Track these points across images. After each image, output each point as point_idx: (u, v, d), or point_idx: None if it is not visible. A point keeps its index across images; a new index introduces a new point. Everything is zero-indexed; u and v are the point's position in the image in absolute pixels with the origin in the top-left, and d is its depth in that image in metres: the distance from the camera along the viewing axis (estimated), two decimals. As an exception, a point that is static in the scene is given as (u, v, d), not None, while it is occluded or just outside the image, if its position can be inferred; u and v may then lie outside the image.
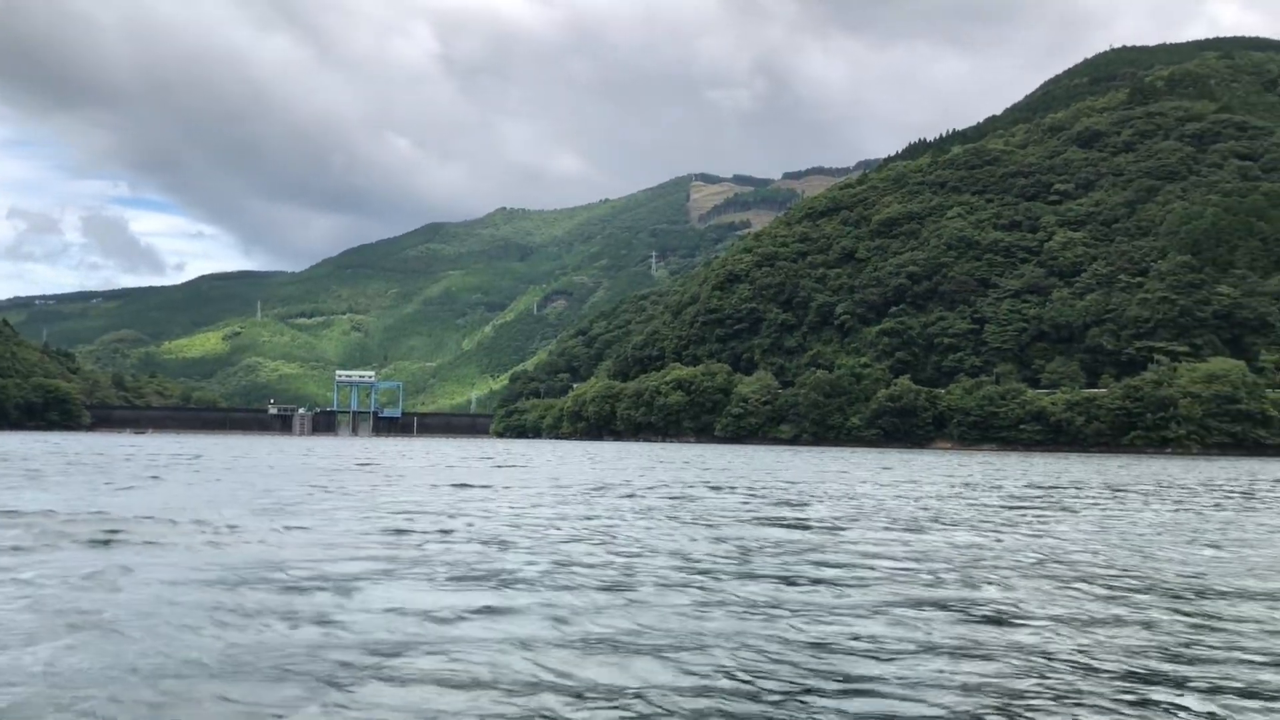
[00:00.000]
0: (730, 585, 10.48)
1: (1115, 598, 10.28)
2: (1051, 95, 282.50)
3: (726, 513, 19.98)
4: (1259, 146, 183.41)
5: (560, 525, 16.48)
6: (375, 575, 10.46)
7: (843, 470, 47.20)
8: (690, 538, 14.96)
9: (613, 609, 9.07)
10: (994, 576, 11.59)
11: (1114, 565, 12.86)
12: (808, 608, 9.29)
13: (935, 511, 21.29)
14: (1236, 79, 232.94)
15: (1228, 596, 10.52)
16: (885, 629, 8.37)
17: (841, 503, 23.51)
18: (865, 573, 11.63)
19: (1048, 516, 20.84)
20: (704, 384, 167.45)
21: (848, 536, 15.88)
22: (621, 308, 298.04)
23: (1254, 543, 16.36)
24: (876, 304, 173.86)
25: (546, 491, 25.28)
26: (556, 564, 11.67)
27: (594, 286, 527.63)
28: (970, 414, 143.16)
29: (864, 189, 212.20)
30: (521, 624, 8.26)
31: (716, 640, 7.79)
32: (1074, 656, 7.59)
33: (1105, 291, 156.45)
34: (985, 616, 9.08)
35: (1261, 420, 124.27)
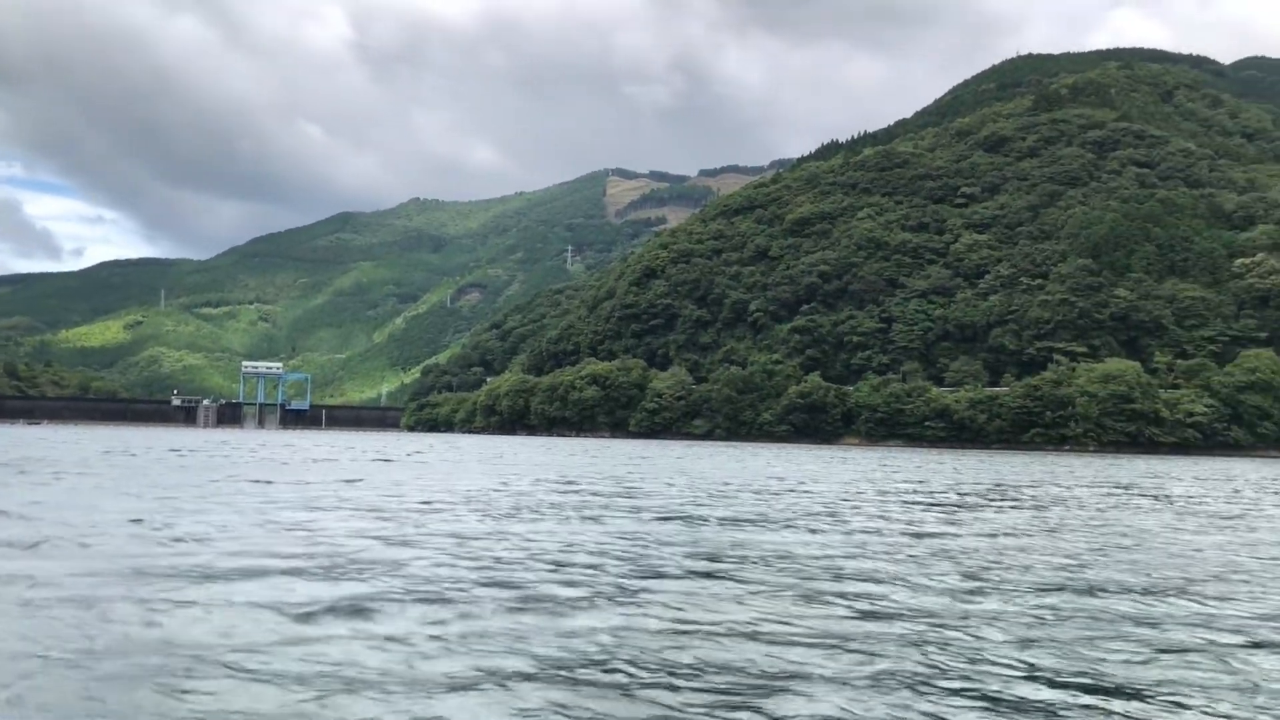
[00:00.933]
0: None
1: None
2: (960, 100, 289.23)
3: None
4: (1156, 155, 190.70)
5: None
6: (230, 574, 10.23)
7: (737, 462, 48.04)
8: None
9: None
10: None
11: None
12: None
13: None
14: (1136, 89, 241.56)
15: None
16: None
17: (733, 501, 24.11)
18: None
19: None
20: (619, 379, 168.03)
21: (731, 533, 16.37)
22: (537, 301, 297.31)
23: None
24: (788, 302, 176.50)
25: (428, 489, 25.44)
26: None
27: (509, 280, 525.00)
28: (877, 411, 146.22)
29: (778, 188, 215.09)
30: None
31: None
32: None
33: (1008, 293, 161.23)
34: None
35: (1155, 419, 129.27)
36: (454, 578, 10.45)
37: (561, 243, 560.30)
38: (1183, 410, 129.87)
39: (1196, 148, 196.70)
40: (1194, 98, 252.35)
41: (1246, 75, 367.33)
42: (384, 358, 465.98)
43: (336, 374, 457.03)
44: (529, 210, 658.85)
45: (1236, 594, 10.80)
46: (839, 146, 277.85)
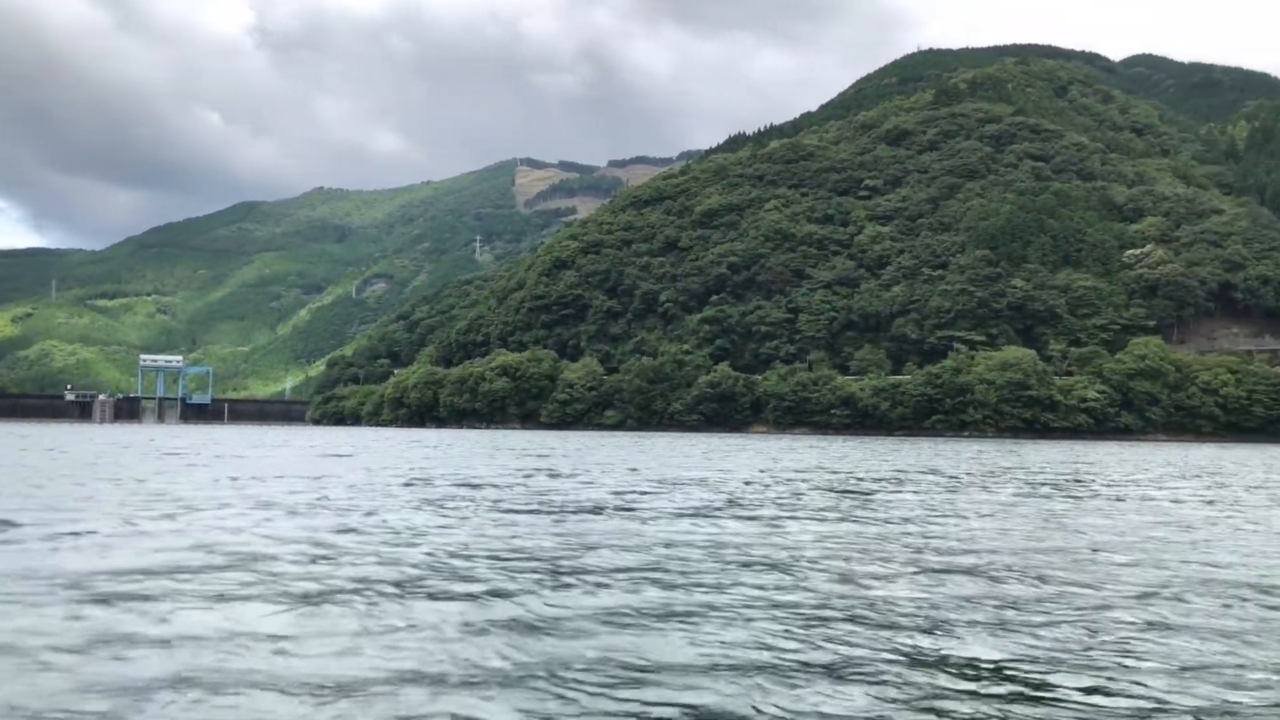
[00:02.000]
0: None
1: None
2: (864, 93, 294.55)
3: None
4: (1050, 148, 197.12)
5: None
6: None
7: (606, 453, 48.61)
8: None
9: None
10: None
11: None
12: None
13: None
14: (1031, 84, 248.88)
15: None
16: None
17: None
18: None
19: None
20: (530, 370, 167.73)
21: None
22: (445, 292, 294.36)
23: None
24: (698, 292, 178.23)
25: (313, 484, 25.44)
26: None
27: (416, 270, 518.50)
28: (785, 399, 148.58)
29: (686, 179, 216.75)
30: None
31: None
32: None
33: (910, 283, 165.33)
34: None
35: (1050, 406, 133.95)
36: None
37: (470, 233, 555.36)
38: (1076, 396, 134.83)
39: (1089, 142, 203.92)
40: (1087, 93, 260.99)
41: (1135, 72, 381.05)
42: (288, 351, 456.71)
43: (239, 367, 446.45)
44: (436, 200, 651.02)
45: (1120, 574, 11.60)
46: (746, 139, 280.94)
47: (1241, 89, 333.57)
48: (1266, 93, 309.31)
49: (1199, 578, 10.88)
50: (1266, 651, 7.43)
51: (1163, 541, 14.38)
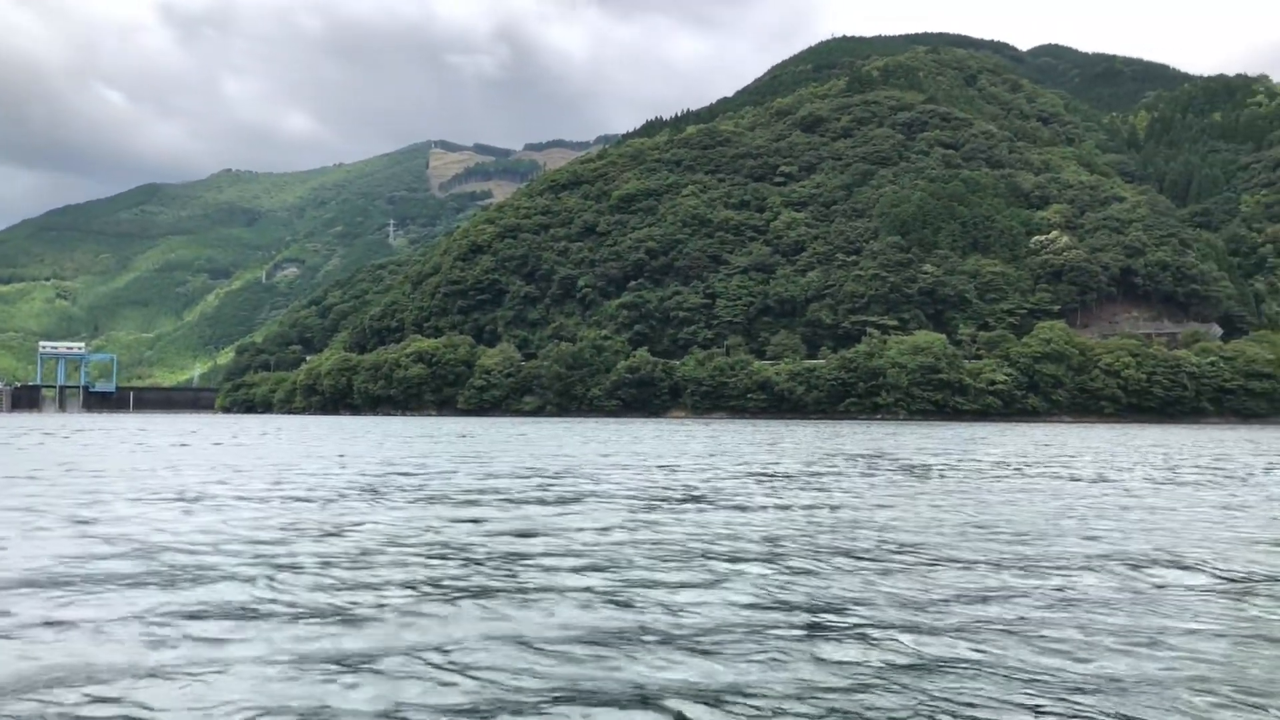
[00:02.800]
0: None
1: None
2: (779, 80, 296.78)
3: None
4: (960, 136, 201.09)
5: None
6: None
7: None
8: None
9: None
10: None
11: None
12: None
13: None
14: (942, 72, 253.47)
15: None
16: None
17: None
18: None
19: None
20: (446, 356, 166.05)
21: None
22: (358, 277, 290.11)
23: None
24: (616, 278, 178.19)
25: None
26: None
27: (328, 255, 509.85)
28: (703, 384, 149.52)
29: (604, 164, 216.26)
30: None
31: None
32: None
33: (824, 269, 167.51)
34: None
35: (959, 389, 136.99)
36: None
37: (383, 217, 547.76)
38: (985, 379, 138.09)
39: (997, 130, 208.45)
40: (995, 82, 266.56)
41: (1042, 61, 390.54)
42: (196, 337, 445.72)
43: (144, 355, 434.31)
44: (349, 183, 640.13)
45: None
46: (663, 124, 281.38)
47: (1142, 80, 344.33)
48: (1165, 84, 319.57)
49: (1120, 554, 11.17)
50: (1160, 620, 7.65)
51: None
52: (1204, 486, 21.93)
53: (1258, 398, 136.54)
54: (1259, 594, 9.20)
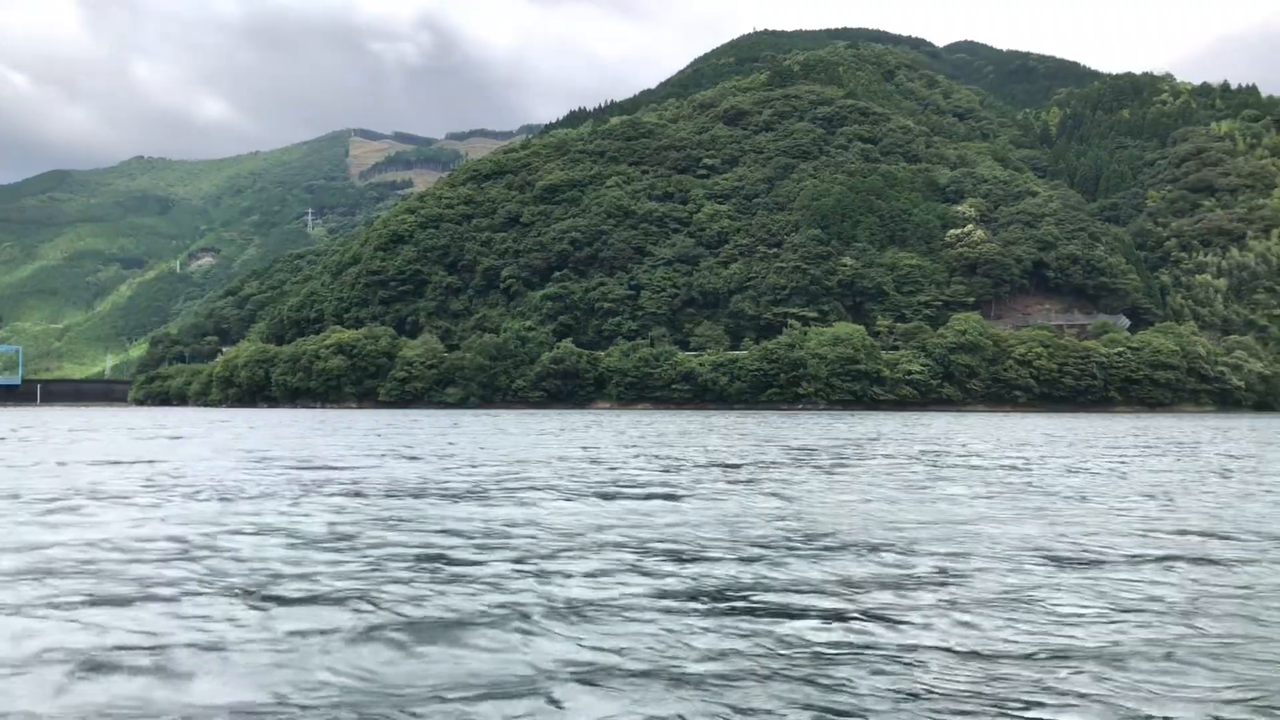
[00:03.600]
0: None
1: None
2: (701, 72, 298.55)
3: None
4: (879, 131, 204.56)
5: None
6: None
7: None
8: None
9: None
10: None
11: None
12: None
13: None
14: (861, 68, 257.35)
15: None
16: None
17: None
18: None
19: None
20: (367, 347, 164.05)
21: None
22: (276, 267, 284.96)
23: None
24: (541, 269, 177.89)
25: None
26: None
27: (245, 244, 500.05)
28: (628, 375, 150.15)
29: (527, 154, 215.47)
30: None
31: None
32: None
33: (747, 261, 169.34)
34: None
35: (877, 379, 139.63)
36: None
37: (301, 205, 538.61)
38: (902, 370, 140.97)
39: (915, 125, 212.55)
40: (913, 78, 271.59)
41: (958, 58, 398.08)
42: (107, 329, 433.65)
43: (52, 347, 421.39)
44: (266, 171, 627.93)
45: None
46: (587, 114, 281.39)
47: (1054, 77, 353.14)
48: (1077, 81, 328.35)
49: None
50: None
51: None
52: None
53: (1162, 387, 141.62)
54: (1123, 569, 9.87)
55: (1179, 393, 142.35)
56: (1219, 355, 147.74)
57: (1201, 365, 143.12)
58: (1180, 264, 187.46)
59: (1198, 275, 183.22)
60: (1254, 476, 21.75)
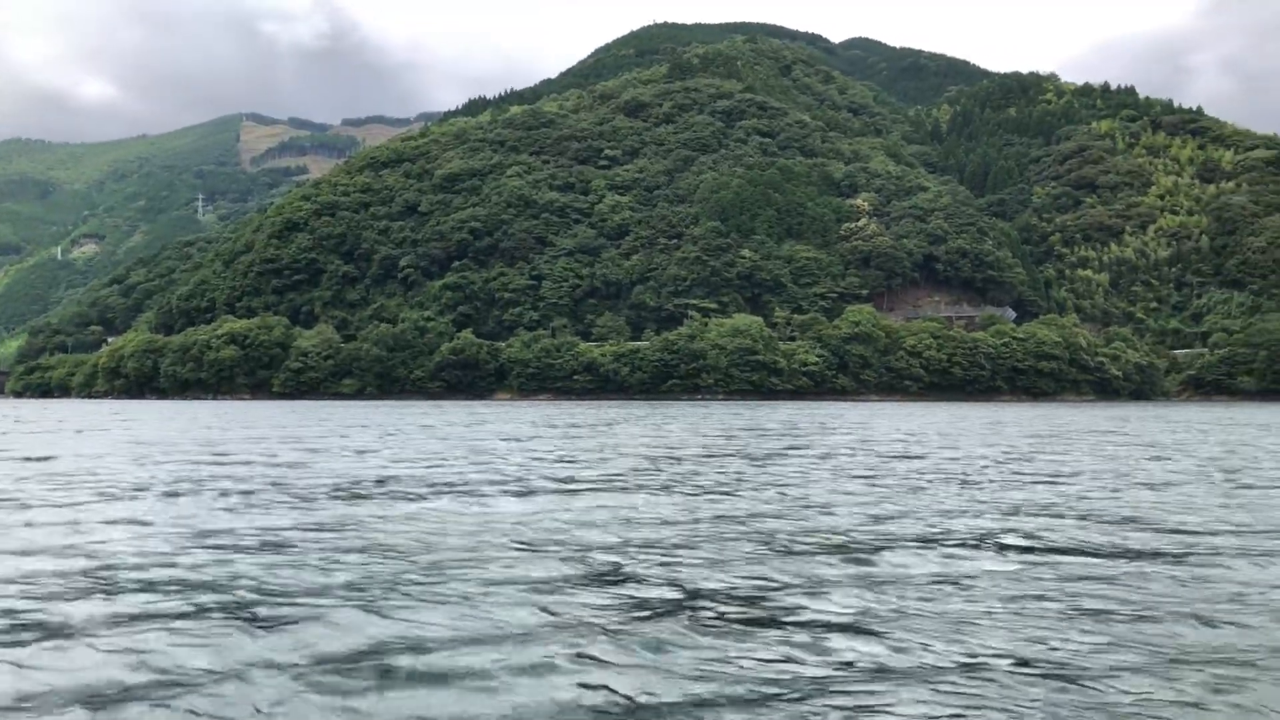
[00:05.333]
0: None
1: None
2: (602, 63, 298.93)
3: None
4: (777, 125, 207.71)
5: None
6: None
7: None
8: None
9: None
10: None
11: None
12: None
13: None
14: (759, 62, 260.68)
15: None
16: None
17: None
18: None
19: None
20: (260, 338, 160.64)
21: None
22: (164, 254, 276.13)
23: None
24: (440, 258, 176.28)
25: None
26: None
27: (130, 231, 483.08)
28: (529, 366, 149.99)
29: (426, 142, 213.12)
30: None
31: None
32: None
33: (648, 252, 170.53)
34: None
35: (775, 370, 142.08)
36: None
37: (191, 191, 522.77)
38: (799, 361, 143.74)
39: (811, 120, 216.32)
40: (809, 73, 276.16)
41: (853, 55, 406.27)
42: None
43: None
44: (153, 155, 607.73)
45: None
46: (487, 103, 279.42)
47: (945, 75, 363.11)
48: (966, 79, 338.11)
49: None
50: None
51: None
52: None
53: (1046, 377, 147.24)
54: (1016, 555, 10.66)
55: (1062, 382, 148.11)
56: (1099, 346, 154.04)
57: (1083, 356, 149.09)
58: (1064, 258, 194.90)
59: (1080, 269, 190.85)
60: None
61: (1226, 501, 14.35)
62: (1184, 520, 12.18)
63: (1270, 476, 18.72)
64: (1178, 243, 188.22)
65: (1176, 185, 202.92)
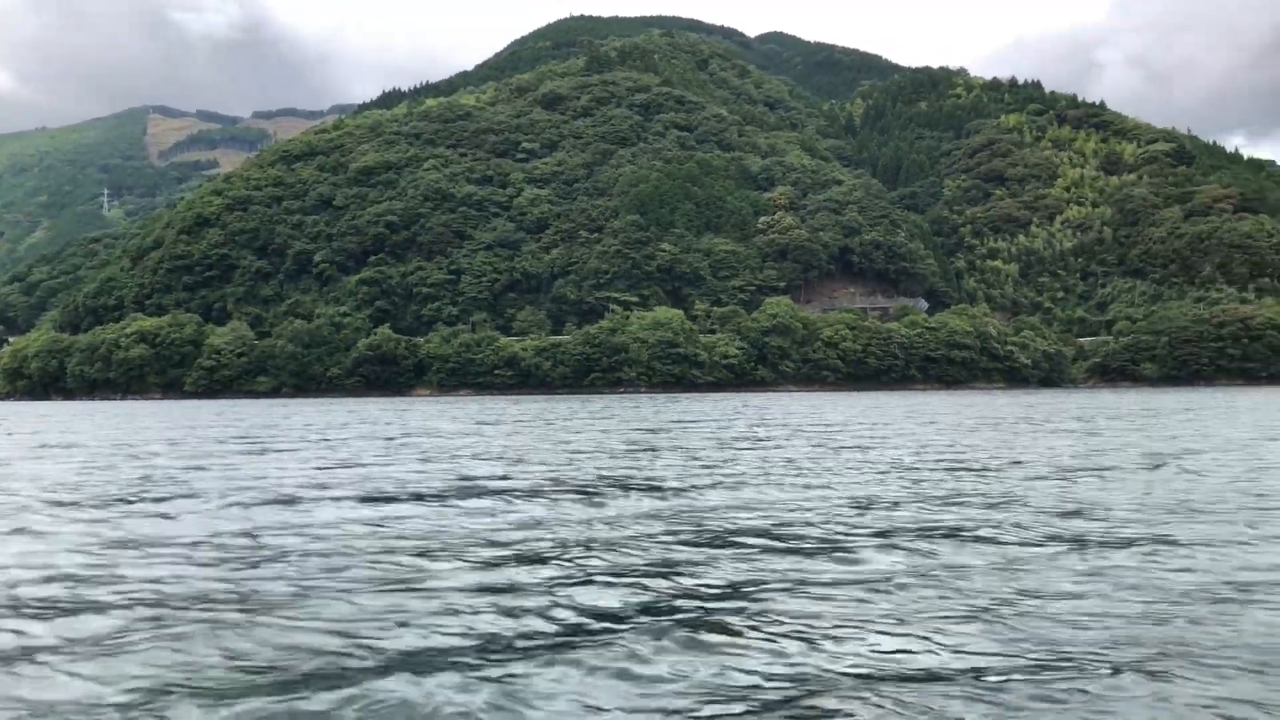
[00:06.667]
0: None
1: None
2: (519, 56, 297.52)
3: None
4: (694, 119, 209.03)
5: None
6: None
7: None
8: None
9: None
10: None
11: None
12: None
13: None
14: (676, 56, 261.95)
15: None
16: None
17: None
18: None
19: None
20: (171, 336, 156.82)
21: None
22: (69, 251, 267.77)
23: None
24: (355, 253, 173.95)
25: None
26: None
27: (31, 226, 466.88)
28: (449, 361, 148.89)
29: (340, 135, 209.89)
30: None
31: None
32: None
33: (568, 246, 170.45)
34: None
35: (696, 362, 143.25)
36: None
37: (96, 186, 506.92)
38: (719, 353, 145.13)
39: (728, 114, 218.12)
40: (726, 67, 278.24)
41: (768, 49, 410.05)
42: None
43: None
44: (54, 148, 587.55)
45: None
46: (402, 95, 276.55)
47: (859, 69, 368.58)
48: (879, 74, 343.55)
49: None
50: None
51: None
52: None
53: (958, 365, 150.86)
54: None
55: (973, 370, 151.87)
56: (1008, 335, 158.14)
57: (993, 345, 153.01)
58: (974, 249, 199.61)
59: (990, 260, 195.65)
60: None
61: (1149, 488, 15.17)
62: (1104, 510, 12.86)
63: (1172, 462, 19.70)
64: (1083, 233, 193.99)
65: (1082, 177, 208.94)
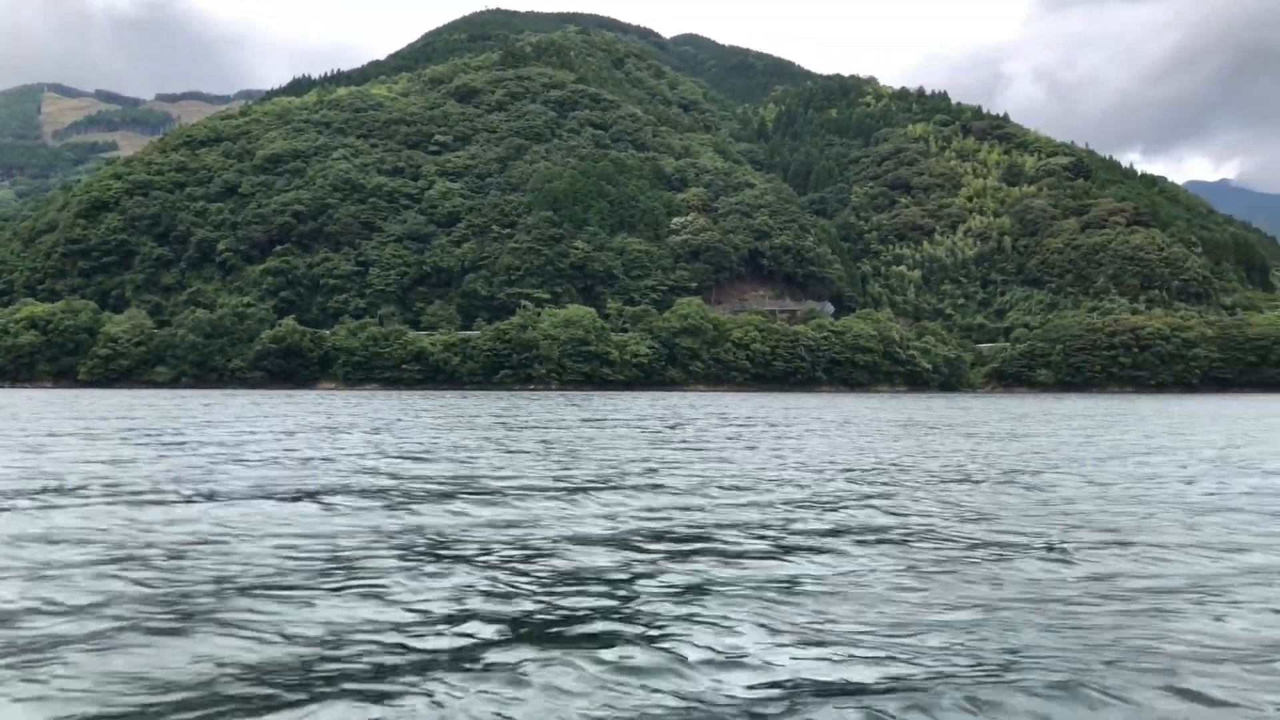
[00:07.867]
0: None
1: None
2: (433, 47, 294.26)
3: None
4: (609, 117, 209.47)
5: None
6: None
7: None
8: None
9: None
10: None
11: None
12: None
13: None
14: (592, 54, 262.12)
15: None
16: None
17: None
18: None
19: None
20: (64, 322, 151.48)
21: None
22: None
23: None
24: (261, 242, 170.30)
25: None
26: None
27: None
28: (355, 354, 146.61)
29: (247, 121, 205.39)
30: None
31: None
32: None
33: (480, 240, 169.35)
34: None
35: (607, 360, 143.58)
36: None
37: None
38: (630, 351, 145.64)
39: (643, 114, 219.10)
40: (641, 67, 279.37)
41: (684, 50, 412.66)
42: None
43: None
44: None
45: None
46: (312, 83, 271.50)
47: (772, 74, 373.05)
48: (791, 80, 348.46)
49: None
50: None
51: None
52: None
53: (861, 369, 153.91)
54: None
55: (876, 374, 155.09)
56: (911, 340, 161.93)
57: (896, 349, 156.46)
58: (879, 255, 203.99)
59: (894, 266, 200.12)
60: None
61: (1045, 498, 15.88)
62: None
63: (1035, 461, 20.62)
64: (983, 242, 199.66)
65: (984, 188, 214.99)
